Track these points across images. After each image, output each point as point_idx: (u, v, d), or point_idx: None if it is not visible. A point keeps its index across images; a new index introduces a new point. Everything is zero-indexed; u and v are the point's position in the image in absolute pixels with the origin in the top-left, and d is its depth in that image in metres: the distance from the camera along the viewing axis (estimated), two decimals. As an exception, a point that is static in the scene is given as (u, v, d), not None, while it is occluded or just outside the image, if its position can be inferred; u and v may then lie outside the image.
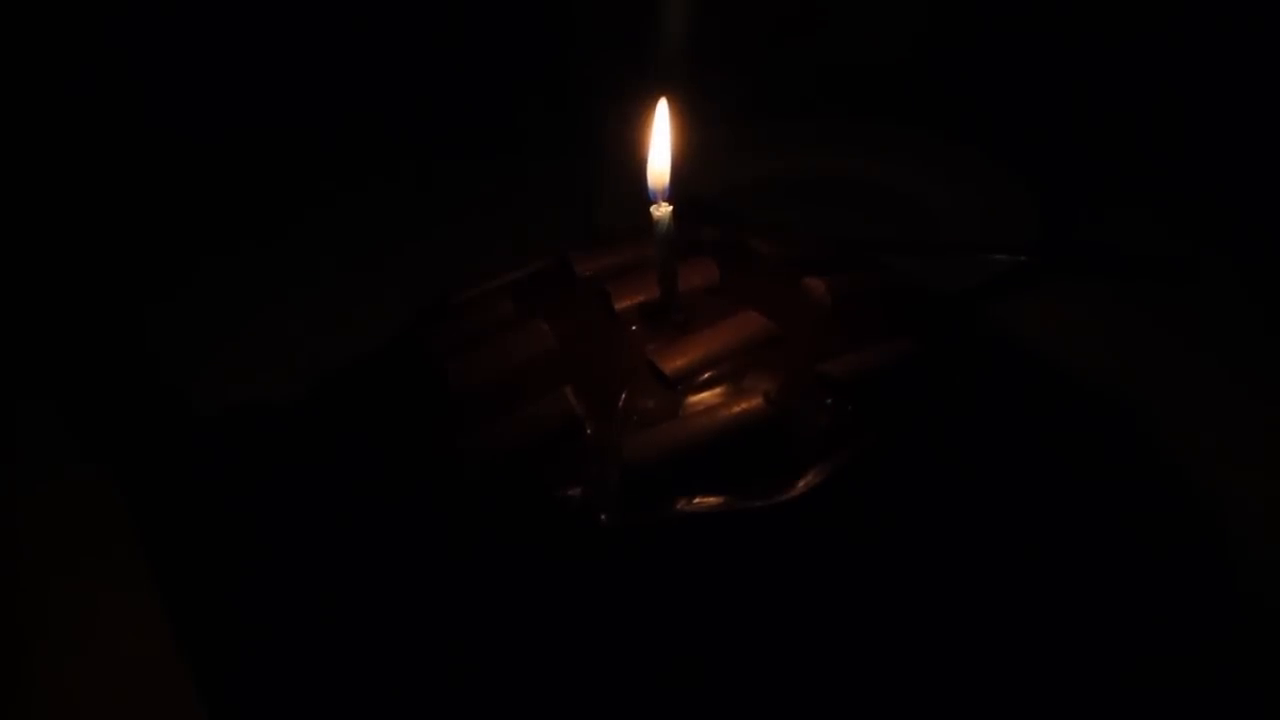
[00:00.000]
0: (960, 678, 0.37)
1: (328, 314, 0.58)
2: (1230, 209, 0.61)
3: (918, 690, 0.36)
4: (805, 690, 0.35)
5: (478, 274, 0.44)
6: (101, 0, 0.69)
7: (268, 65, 0.72)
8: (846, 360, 0.37)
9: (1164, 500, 0.45)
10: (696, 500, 0.34)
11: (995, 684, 0.37)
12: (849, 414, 0.36)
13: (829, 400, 0.36)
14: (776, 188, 0.66)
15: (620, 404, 0.37)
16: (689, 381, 0.37)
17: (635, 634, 0.35)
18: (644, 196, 0.39)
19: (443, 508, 0.36)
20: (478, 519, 0.36)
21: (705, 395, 0.37)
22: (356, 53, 0.74)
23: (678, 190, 0.39)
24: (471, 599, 0.36)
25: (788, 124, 0.70)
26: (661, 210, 0.38)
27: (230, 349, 0.57)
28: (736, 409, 0.36)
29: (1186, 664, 0.39)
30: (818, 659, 0.35)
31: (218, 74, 0.72)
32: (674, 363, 0.37)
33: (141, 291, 0.61)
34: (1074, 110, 0.69)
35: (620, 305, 0.40)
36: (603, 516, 0.34)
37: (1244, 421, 0.49)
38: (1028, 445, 0.40)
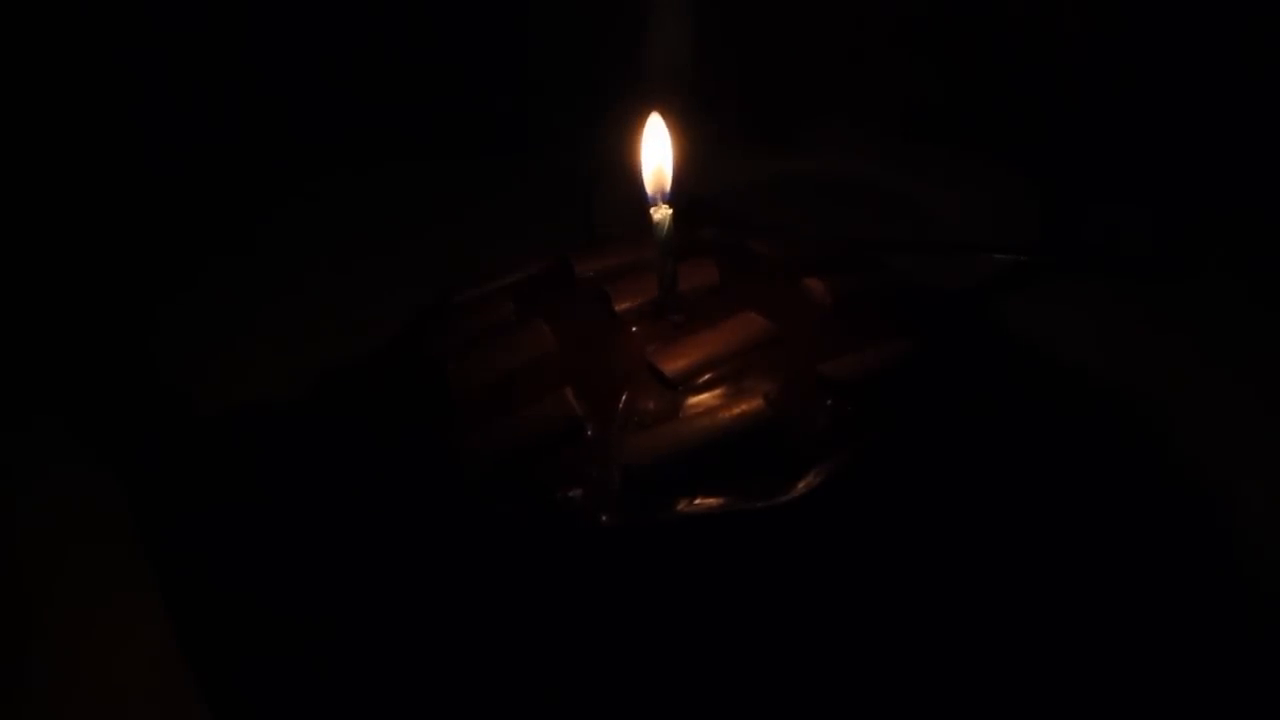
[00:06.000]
0: (962, 677, 0.37)
1: (328, 314, 0.58)
2: (1230, 208, 0.61)
3: (919, 690, 0.36)
4: (806, 691, 0.35)
5: (478, 274, 0.44)
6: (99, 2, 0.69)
7: (269, 65, 0.72)
8: (846, 361, 0.37)
9: (1166, 499, 0.45)
10: (697, 501, 0.34)
11: (997, 683, 0.37)
12: (849, 415, 0.36)
13: (829, 401, 0.36)
14: (775, 188, 0.66)
15: (620, 405, 0.37)
16: (689, 383, 0.37)
17: (636, 635, 0.35)
18: (644, 198, 0.40)
19: (443, 509, 0.36)
20: (478, 520, 0.36)
21: (705, 396, 0.37)
22: (358, 52, 0.74)
23: (677, 192, 0.39)
24: (472, 600, 0.36)
25: (786, 126, 0.70)
26: (661, 212, 0.38)
27: (231, 349, 0.57)
28: (736, 410, 0.36)
29: (1189, 662, 0.39)
30: (818, 660, 0.35)
31: (218, 74, 0.72)
32: (674, 364, 0.37)
33: (143, 292, 0.61)
34: (1074, 109, 0.69)
35: (620, 306, 0.40)
36: (603, 517, 0.34)
37: (1245, 420, 0.49)
38: (1028, 445, 0.40)
